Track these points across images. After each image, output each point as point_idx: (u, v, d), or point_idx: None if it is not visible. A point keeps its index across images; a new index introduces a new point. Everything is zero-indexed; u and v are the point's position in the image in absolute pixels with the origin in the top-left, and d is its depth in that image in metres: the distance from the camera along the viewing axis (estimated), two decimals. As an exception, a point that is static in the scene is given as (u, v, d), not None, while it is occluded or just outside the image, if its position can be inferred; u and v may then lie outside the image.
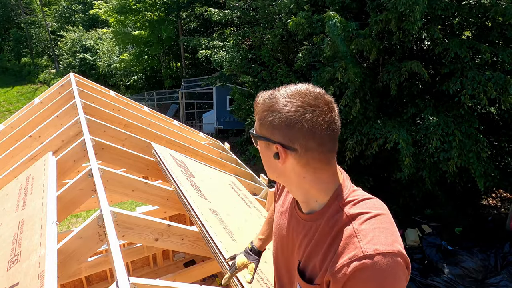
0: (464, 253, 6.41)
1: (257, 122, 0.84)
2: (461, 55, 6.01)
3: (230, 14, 10.90)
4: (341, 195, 0.81)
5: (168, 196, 2.05)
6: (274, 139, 0.78)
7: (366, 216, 0.74)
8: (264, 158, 0.86)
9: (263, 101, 0.82)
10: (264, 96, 0.82)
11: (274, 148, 0.79)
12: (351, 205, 0.78)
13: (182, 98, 17.41)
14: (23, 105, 15.23)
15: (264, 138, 0.81)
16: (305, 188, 0.83)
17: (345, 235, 0.73)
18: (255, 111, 0.85)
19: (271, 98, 0.80)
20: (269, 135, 0.79)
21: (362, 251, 0.68)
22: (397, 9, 5.89)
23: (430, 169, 6.70)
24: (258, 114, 0.82)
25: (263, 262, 1.46)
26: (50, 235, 1.25)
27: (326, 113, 0.76)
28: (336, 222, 0.77)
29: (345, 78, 6.76)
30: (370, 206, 0.77)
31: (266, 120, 0.79)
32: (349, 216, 0.76)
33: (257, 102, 0.84)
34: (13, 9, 28.39)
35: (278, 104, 0.77)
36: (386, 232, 0.71)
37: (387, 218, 0.75)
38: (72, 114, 2.64)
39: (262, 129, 0.81)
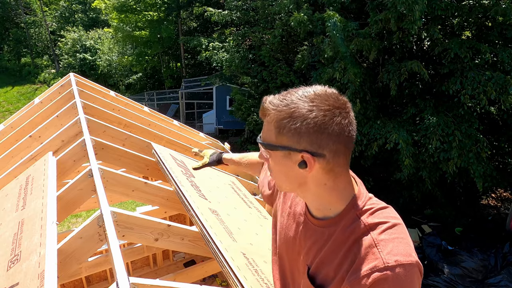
0: (464, 253, 6.41)
1: (271, 131, 0.77)
2: (461, 55, 6.01)
3: (230, 14, 10.90)
4: (358, 204, 0.79)
5: (168, 196, 2.05)
6: (300, 147, 0.74)
7: (384, 226, 0.74)
8: (279, 169, 0.80)
9: (276, 108, 0.75)
10: (275, 102, 0.76)
11: (299, 157, 0.74)
12: (368, 214, 0.77)
13: (182, 98, 17.41)
14: (23, 105, 15.24)
15: (285, 147, 0.75)
16: (323, 196, 0.81)
17: (364, 245, 0.73)
18: (266, 119, 0.78)
19: (287, 104, 0.74)
20: (293, 144, 0.74)
21: (384, 262, 0.68)
22: (396, 9, 5.89)
23: (430, 169, 6.70)
24: (274, 122, 0.75)
25: (263, 262, 1.46)
26: (50, 235, 1.25)
27: (348, 114, 0.75)
28: (353, 231, 0.76)
29: (345, 78, 6.76)
30: (387, 215, 0.77)
31: (289, 127, 0.73)
32: (367, 226, 0.75)
33: (266, 109, 0.78)
34: (13, 9, 28.38)
35: (302, 110, 0.72)
36: (404, 243, 0.72)
37: (403, 228, 0.75)
38: (72, 114, 2.64)
39: (282, 138, 0.75)
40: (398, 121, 6.82)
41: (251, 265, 1.38)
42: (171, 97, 19.74)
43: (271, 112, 0.76)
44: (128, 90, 22.53)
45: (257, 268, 1.39)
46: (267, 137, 0.79)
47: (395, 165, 7.09)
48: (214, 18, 10.85)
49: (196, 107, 18.28)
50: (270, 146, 0.78)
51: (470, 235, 7.32)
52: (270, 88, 10.21)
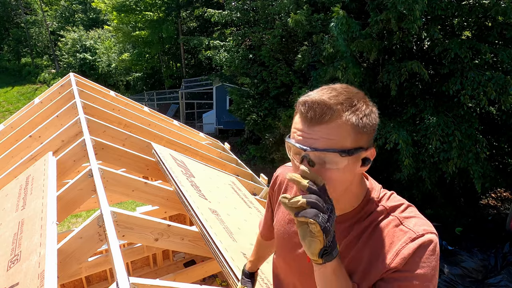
0: (464, 253, 6.41)
1: (346, 133, 0.68)
2: (461, 55, 6.01)
3: (230, 14, 10.91)
4: (375, 192, 0.84)
5: (168, 196, 2.05)
6: (369, 145, 0.74)
7: (402, 207, 0.80)
8: (343, 174, 0.72)
9: (348, 108, 0.69)
10: (343, 102, 0.69)
11: (366, 154, 0.73)
12: (386, 199, 0.82)
13: (182, 98, 17.41)
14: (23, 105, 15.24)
15: (361, 149, 0.71)
16: (356, 192, 0.82)
17: (390, 226, 0.77)
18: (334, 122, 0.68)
19: (355, 103, 0.70)
20: (367, 142, 0.72)
21: (415, 232, 0.73)
22: (396, 8, 5.89)
23: (430, 169, 6.70)
24: (356, 122, 0.68)
25: (264, 262, 1.46)
26: (50, 235, 1.25)
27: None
28: (377, 215, 0.80)
29: (344, 79, 6.76)
30: (399, 198, 0.83)
31: (369, 126, 0.71)
32: (388, 209, 0.80)
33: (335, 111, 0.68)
34: (13, 9, 28.38)
35: (370, 106, 0.73)
36: (422, 217, 0.78)
37: (415, 208, 0.82)
38: (72, 114, 2.64)
39: (363, 138, 0.71)
40: (398, 121, 6.82)
41: (251, 265, 1.38)
42: (171, 97, 19.74)
43: (345, 114, 0.68)
44: (128, 90, 22.53)
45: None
46: (340, 143, 0.68)
47: (395, 165, 7.09)
48: (214, 18, 10.86)
49: (196, 107, 18.28)
50: (351, 152, 0.69)
51: (470, 235, 7.32)
52: (270, 88, 10.21)
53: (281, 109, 9.61)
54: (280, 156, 9.79)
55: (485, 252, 6.44)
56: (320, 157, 0.70)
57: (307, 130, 0.70)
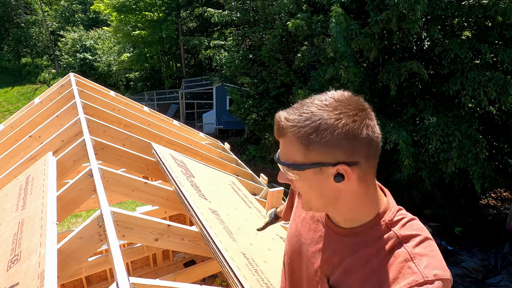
0: (464, 253, 6.41)
1: (296, 149, 0.70)
2: (461, 55, 6.01)
3: (230, 14, 10.91)
4: (388, 214, 0.77)
5: (168, 196, 2.05)
6: (333, 160, 0.69)
7: (417, 239, 0.72)
8: (311, 188, 0.74)
9: (297, 124, 0.69)
10: (293, 118, 0.70)
11: (333, 170, 0.70)
12: (400, 226, 0.74)
13: (182, 98, 17.42)
14: (23, 105, 15.24)
15: (316, 164, 0.70)
16: (355, 206, 0.76)
17: (398, 259, 0.70)
18: (286, 139, 0.71)
19: (309, 117, 0.68)
20: (325, 158, 0.69)
21: (423, 276, 0.66)
22: (398, 8, 5.89)
23: (430, 169, 6.70)
24: (299, 139, 0.69)
25: (263, 262, 1.46)
26: (50, 235, 1.25)
27: (371, 114, 0.71)
28: (385, 242, 0.73)
29: (345, 78, 6.76)
30: (418, 227, 0.75)
31: (317, 142, 0.67)
32: (400, 238, 0.72)
33: (284, 128, 0.71)
34: (13, 9, 28.38)
35: (329, 120, 0.67)
36: (438, 257, 0.70)
37: (434, 242, 0.74)
38: (72, 114, 2.64)
39: (311, 155, 0.69)
40: (398, 121, 6.82)
41: (251, 265, 1.38)
42: (171, 97, 19.75)
43: (291, 130, 0.70)
44: (128, 90, 22.53)
45: (257, 268, 1.39)
46: (290, 157, 0.72)
47: (394, 165, 7.09)
48: (214, 19, 10.85)
49: (196, 107, 18.28)
50: (298, 167, 0.71)
51: (470, 235, 7.32)
52: (269, 88, 10.21)
53: (281, 109, 9.59)
54: (280, 156, 9.78)
55: (485, 252, 6.44)
56: (282, 167, 0.76)
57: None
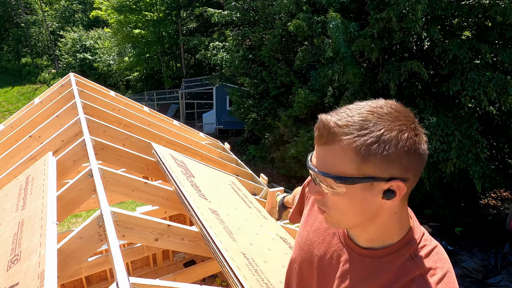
0: (464, 253, 6.41)
1: (349, 160, 0.63)
2: (460, 56, 6.01)
3: (230, 14, 10.91)
4: (413, 241, 0.72)
5: (168, 196, 2.05)
6: (389, 175, 0.63)
7: (439, 273, 0.68)
8: (353, 203, 0.67)
9: (355, 132, 0.62)
10: (349, 125, 0.63)
11: (386, 186, 0.64)
12: (424, 256, 0.70)
13: (182, 98, 17.42)
14: (23, 105, 15.23)
15: (369, 178, 0.63)
16: (388, 227, 0.71)
17: None
18: (338, 146, 0.63)
19: (368, 126, 0.62)
20: (381, 173, 0.62)
21: None
22: (398, 7, 5.89)
23: (429, 170, 6.70)
24: (358, 149, 0.62)
25: (263, 262, 1.46)
26: (50, 235, 1.25)
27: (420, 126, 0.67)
28: (405, 271, 0.70)
29: (344, 79, 6.76)
30: (440, 258, 0.71)
31: (380, 154, 0.61)
32: (422, 270, 0.69)
33: (335, 134, 0.63)
34: (13, 9, 28.38)
35: (393, 132, 0.61)
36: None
37: (453, 274, 0.71)
38: (72, 114, 2.64)
39: (367, 168, 0.62)
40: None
41: (251, 265, 1.38)
42: (171, 97, 19.75)
43: (346, 137, 0.62)
44: (128, 90, 22.53)
45: (257, 268, 1.39)
46: (337, 168, 0.64)
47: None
48: (214, 19, 10.85)
49: (196, 107, 18.28)
50: (348, 180, 0.64)
51: (470, 235, 7.32)
52: (269, 88, 10.21)
53: (281, 109, 9.62)
54: (280, 156, 9.80)
55: (485, 252, 6.44)
56: (321, 179, 0.67)
57: (316, 148, 0.69)
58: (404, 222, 0.73)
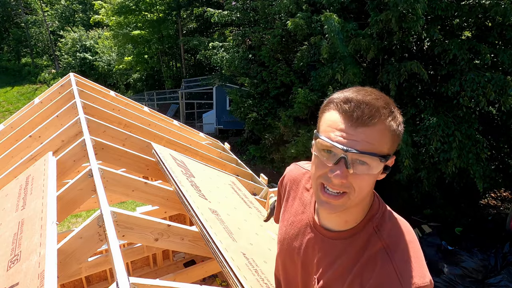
0: (464, 253, 6.41)
1: (388, 139, 0.67)
2: (460, 56, 6.01)
3: (230, 14, 10.90)
4: (376, 215, 0.77)
5: (168, 196, 2.05)
6: (393, 152, 0.71)
7: (401, 244, 0.72)
8: (372, 181, 0.72)
9: (386, 114, 0.67)
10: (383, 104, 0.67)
11: (390, 161, 0.70)
12: (386, 229, 0.75)
13: (182, 98, 17.42)
14: (23, 105, 15.23)
15: (391, 156, 0.70)
16: (363, 204, 0.77)
17: (381, 264, 0.71)
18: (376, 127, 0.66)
19: (391, 109, 0.68)
20: (394, 148, 0.70)
21: (402, 286, 0.67)
22: (398, 8, 5.89)
23: (429, 170, 6.71)
24: (393, 129, 0.67)
25: (263, 262, 1.46)
26: (50, 235, 1.25)
27: None
28: (369, 245, 0.74)
29: (345, 79, 6.76)
30: (404, 230, 0.75)
31: (400, 133, 0.69)
32: (384, 242, 0.73)
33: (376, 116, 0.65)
34: (13, 9, 28.38)
35: (399, 115, 0.70)
36: (419, 263, 0.71)
37: (416, 244, 0.75)
38: (72, 114, 2.64)
39: (394, 146, 0.70)
40: (398, 121, 6.82)
41: (251, 265, 1.38)
42: (171, 97, 19.75)
43: (388, 119, 0.67)
44: (128, 90, 22.53)
45: (257, 268, 1.39)
46: (379, 148, 0.66)
47: (394, 165, 7.09)
48: (214, 19, 10.85)
49: (196, 107, 18.28)
50: (386, 158, 0.68)
51: (470, 235, 7.32)
52: (269, 88, 10.20)
53: (281, 109, 9.62)
54: (280, 156, 9.80)
55: (485, 252, 6.44)
56: (358, 160, 0.67)
57: (349, 131, 0.66)
58: (369, 198, 0.78)
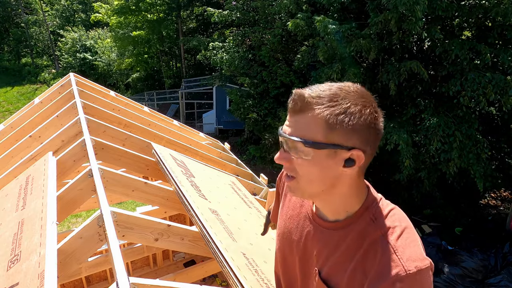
0: (464, 253, 6.41)
1: (319, 127, 0.70)
2: (461, 57, 6.00)
3: (230, 14, 10.90)
4: (372, 205, 0.79)
5: (168, 196, 2.05)
6: (350, 144, 0.70)
7: (398, 230, 0.74)
8: (317, 169, 0.74)
9: (327, 103, 0.70)
10: (322, 96, 0.70)
11: (347, 154, 0.71)
12: (383, 218, 0.77)
13: (182, 98, 17.42)
14: (23, 105, 15.23)
15: (335, 145, 0.70)
16: (349, 196, 0.78)
17: (382, 251, 0.72)
18: (310, 114, 0.71)
19: (338, 99, 0.70)
20: (345, 141, 0.70)
21: (405, 269, 0.69)
22: (397, 10, 5.88)
23: (429, 170, 6.70)
24: (326, 118, 0.69)
25: (263, 262, 1.46)
26: (50, 235, 1.25)
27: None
28: (368, 234, 0.76)
29: (345, 79, 6.75)
30: (399, 217, 0.77)
31: (344, 124, 0.69)
32: (382, 230, 0.75)
33: (309, 103, 0.71)
34: (13, 9, 28.38)
35: (358, 106, 0.70)
36: (418, 246, 0.73)
37: (413, 229, 0.76)
38: (72, 114, 2.64)
39: (333, 136, 0.70)
40: (398, 122, 6.82)
41: (251, 265, 1.38)
42: (171, 97, 19.74)
43: (318, 107, 0.70)
44: (128, 90, 22.52)
45: (257, 268, 1.39)
46: (309, 134, 0.71)
47: (395, 165, 7.09)
48: (214, 19, 10.85)
49: (196, 107, 18.28)
50: (316, 145, 0.71)
51: (470, 235, 7.32)
52: (269, 88, 10.20)
53: (281, 109, 9.61)
54: (280, 156, 9.77)
55: (485, 252, 6.44)
56: (291, 145, 0.74)
57: (288, 119, 0.76)
58: (362, 191, 0.80)
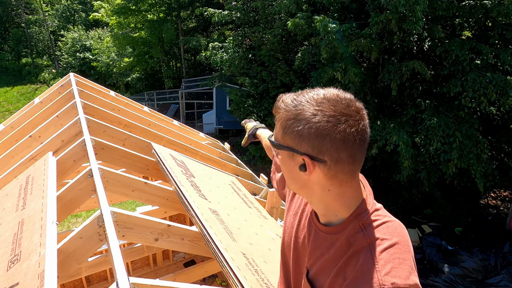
0: (464, 253, 6.41)
1: (279, 130, 0.77)
2: (462, 57, 6.00)
3: (230, 14, 10.90)
4: (363, 214, 0.77)
5: (168, 196, 2.05)
6: (301, 150, 0.73)
7: (386, 243, 0.71)
8: (286, 168, 0.81)
9: (285, 107, 0.75)
10: (287, 102, 0.76)
11: (300, 159, 0.74)
12: (372, 228, 0.75)
13: (182, 98, 17.42)
14: (23, 105, 15.24)
15: (288, 148, 0.75)
16: (327, 202, 0.79)
17: (363, 260, 0.71)
18: (277, 117, 0.79)
19: (296, 105, 0.73)
20: (295, 146, 0.74)
21: (380, 283, 0.66)
22: (397, 10, 5.88)
23: (429, 170, 6.70)
24: (281, 121, 0.76)
25: (263, 262, 1.46)
26: (50, 235, 1.25)
27: (358, 122, 0.71)
28: (354, 242, 0.75)
29: (346, 79, 6.75)
30: (392, 231, 0.74)
31: (292, 129, 0.73)
32: (369, 240, 0.73)
33: (278, 108, 0.78)
34: (14, 9, 28.37)
35: (307, 113, 0.71)
36: (404, 264, 0.69)
37: (406, 247, 0.72)
38: (72, 114, 2.64)
39: (286, 139, 0.75)
40: (398, 122, 6.81)
41: (251, 265, 1.38)
42: (171, 97, 19.74)
43: (280, 111, 0.77)
44: (128, 90, 22.52)
45: (257, 268, 1.39)
46: (276, 135, 0.80)
47: (394, 166, 7.09)
48: (214, 18, 10.85)
49: (196, 107, 18.27)
50: (277, 145, 0.78)
51: (470, 235, 7.32)
52: (269, 88, 10.21)
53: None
54: (280, 156, 9.78)
55: (485, 252, 6.44)
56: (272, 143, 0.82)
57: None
58: (351, 201, 0.78)
